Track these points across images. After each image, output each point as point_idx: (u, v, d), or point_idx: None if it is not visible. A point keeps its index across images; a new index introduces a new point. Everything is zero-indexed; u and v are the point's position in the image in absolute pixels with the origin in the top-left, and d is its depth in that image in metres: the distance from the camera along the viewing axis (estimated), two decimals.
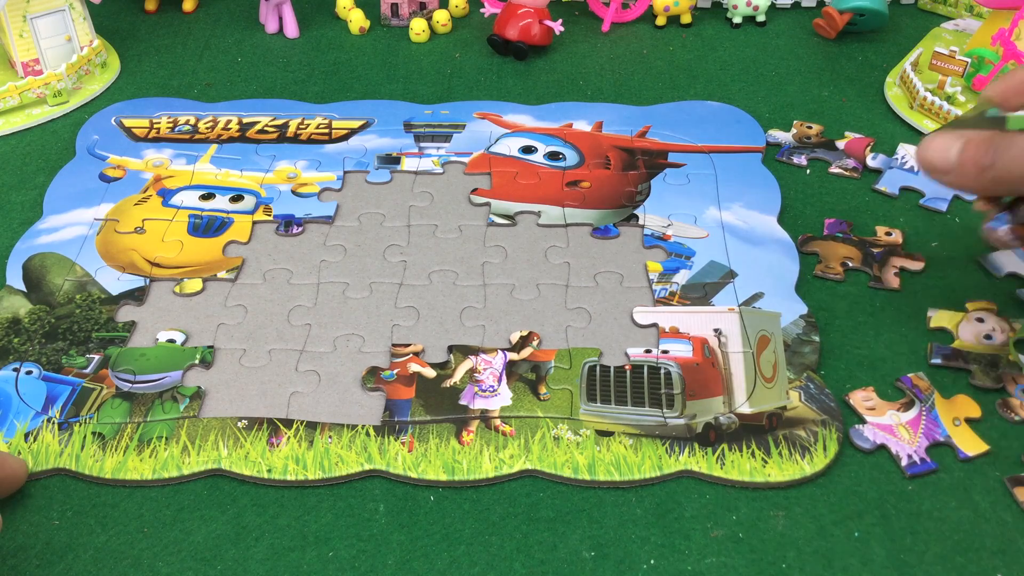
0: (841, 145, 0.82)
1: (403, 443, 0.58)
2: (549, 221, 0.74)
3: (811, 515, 0.54)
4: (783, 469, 0.55)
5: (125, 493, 0.56)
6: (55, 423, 0.59)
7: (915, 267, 0.69)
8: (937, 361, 0.62)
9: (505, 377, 0.62)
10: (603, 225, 0.74)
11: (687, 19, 1.00)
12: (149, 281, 0.70)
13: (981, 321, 0.64)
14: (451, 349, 0.64)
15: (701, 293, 0.67)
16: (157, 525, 0.54)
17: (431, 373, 0.62)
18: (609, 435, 0.58)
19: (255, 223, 0.75)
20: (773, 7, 1.02)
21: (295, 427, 0.59)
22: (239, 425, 0.59)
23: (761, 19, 1.00)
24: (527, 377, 0.62)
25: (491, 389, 0.61)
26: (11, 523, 0.54)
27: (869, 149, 0.80)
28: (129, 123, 0.86)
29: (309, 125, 0.85)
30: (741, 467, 0.56)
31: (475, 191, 0.77)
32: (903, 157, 0.79)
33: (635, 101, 0.88)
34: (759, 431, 0.58)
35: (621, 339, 0.64)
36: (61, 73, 0.88)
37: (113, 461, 0.57)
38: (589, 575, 0.51)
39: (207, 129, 0.85)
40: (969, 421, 0.58)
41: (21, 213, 0.77)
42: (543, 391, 0.61)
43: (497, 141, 0.83)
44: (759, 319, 0.65)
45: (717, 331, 0.64)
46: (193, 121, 0.86)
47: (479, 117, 0.86)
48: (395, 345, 0.64)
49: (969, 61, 0.83)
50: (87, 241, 0.73)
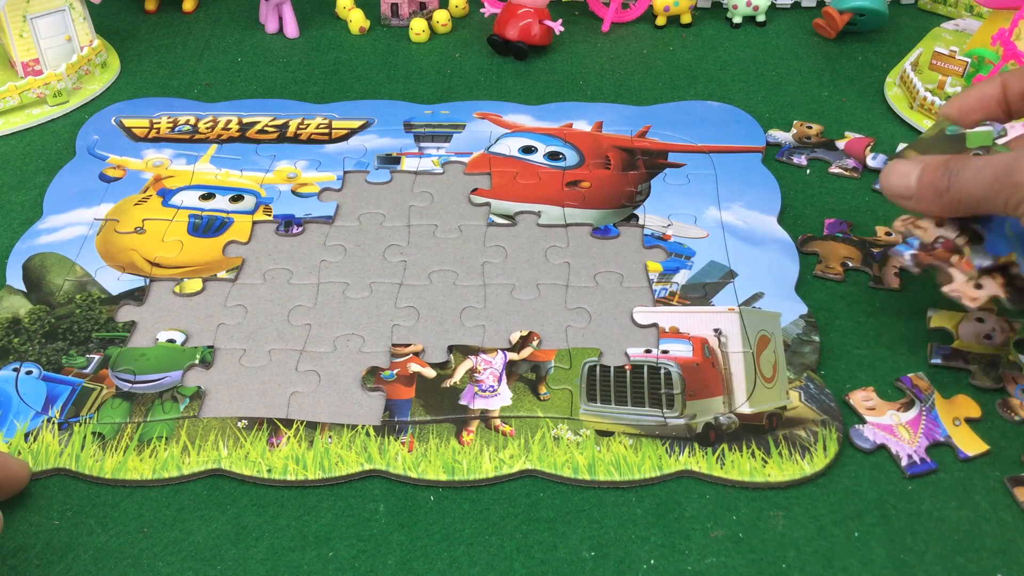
0: (841, 145, 0.82)
1: (403, 443, 0.58)
2: (549, 221, 0.74)
3: (811, 515, 0.54)
4: (783, 469, 0.55)
5: (125, 493, 0.56)
6: (55, 423, 0.59)
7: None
8: (937, 361, 0.62)
9: (505, 377, 0.62)
10: (603, 225, 0.74)
11: (687, 19, 1.00)
12: (149, 281, 0.70)
13: (981, 321, 0.64)
14: (451, 349, 0.64)
15: (701, 293, 0.67)
16: (157, 525, 0.54)
17: (431, 373, 0.62)
18: (609, 435, 0.58)
19: (255, 223, 0.75)
20: (773, 7, 1.02)
21: (295, 427, 0.59)
22: (239, 425, 0.59)
23: (761, 19, 1.00)
24: (527, 377, 0.62)
25: (491, 389, 0.61)
26: (11, 523, 0.54)
27: (869, 149, 0.80)
28: (129, 123, 0.86)
29: (309, 125, 0.85)
30: (741, 467, 0.56)
31: (475, 191, 0.77)
32: None
33: (635, 101, 0.88)
34: (759, 431, 0.58)
35: (621, 339, 0.64)
36: (61, 73, 0.88)
37: (113, 461, 0.57)
38: (589, 575, 0.51)
39: (207, 129, 0.85)
40: (969, 421, 0.58)
41: (21, 213, 0.77)
42: (543, 391, 0.61)
43: (497, 141, 0.83)
44: (759, 319, 0.65)
45: (717, 331, 0.64)
46: (193, 121, 0.86)
47: (479, 117, 0.86)
48: (395, 345, 0.64)
49: (969, 61, 0.83)
50: (87, 241, 0.73)
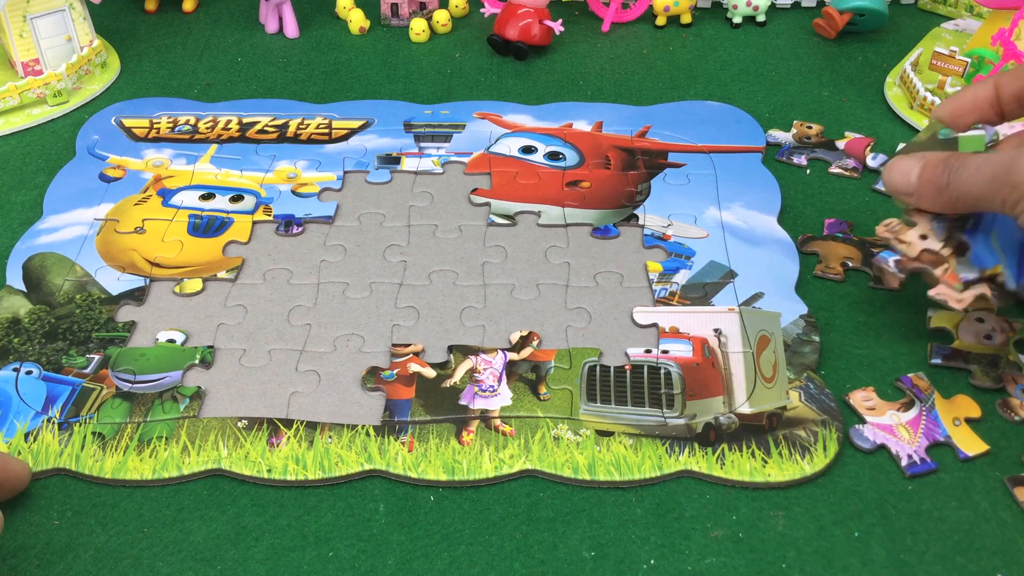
0: (841, 145, 0.82)
1: (403, 443, 0.58)
2: (549, 221, 0.74)
3: (811, 515, 0.54)
4: (783, 469, 0.55)
5: (125, 493, 0.56)
6: (55, 423, 0.59)
7: None
8: (937, 361, 0.62)
9: (505, 377, 0.62)
10: (603, 225, 0.74)
11: (687, 19, 1.00)
12: (149, 281, 0.70)
13: (981, 321, 0.64)
14: (451, 349, 0.64)
15: (701, 293, 0.67)
16: (157, 525, 0.54)
17: (431, 373, 0.62)
18: (609, 435, 0.58)
19: (255, 223, 0.75)
20: (773, 7, 1.02)
21: (295, 427, 0.59)
22: (239, 425, 0.59)
23: (761, 19, 1.00)
24: (527, 377, 0.62)
25: (491, 389, 0.61)
26: (11, 523, 0.54)
27: (869, 149, 0.80)
28: (129, 123, 0.86)
29: (309, 125, 0.85)
30: (741, 467, 0.56)
31: (475, 191, 0.77)
32: None
33: (635, 101, 0.88)
34: (759, 431, 0.58)
35: (621, 339, 0.64)
36: (61, 73, 0.88)
37: (113, 461, 0.57)
38: (589, 575, 0.51)
39: (207, 129, 0.85)
40: (969, 421, 0.58)
41: (21, 213, 0.77)
42: (543, 391, 0.61)
43: (497, 141, 0.83)
44: (759, 319, 0.65)
45: (717, 331, 0.64)
46: (193, 121, 0.86)
47: (479, 117, 0.86)
48: (395, 345, 0.64)
49: (969, 61, 0.83)
50: (87, 241, 0.73)
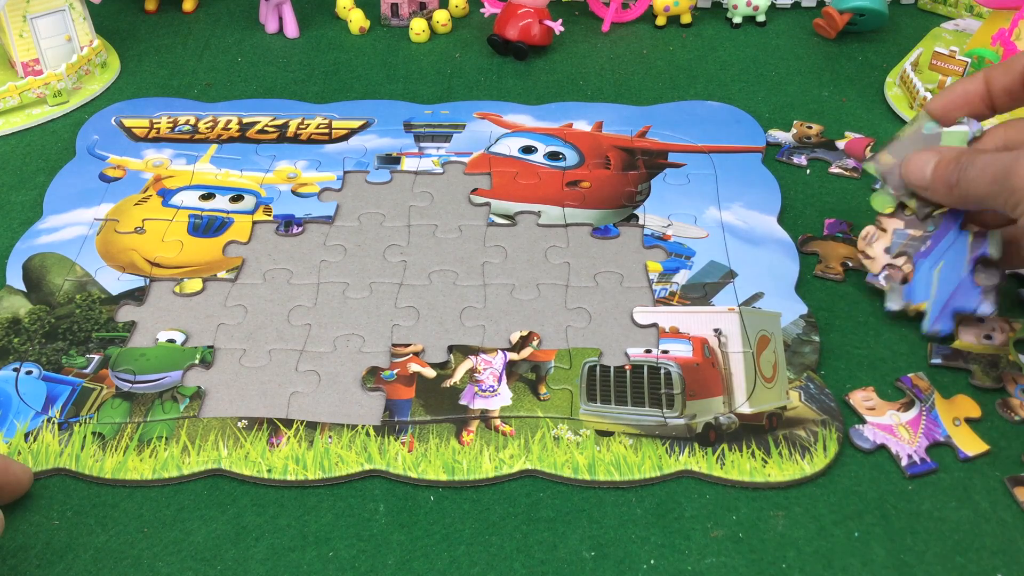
0: (841, 145, 0.82)
1: (403, 443, 0.58)
2: (549, 221, 0.74)
3: (811, 515, 0.54)
4: (783, 469, 0.55)
5: (125, 493, 0.56)
6: (55, 423, 0.59)
7: None
8: (937, 361, 0.62)
9: (505, 377, 0.62)
10: (603, 225, 0.74)
11: (687, 19, 1.00)
12: (149, 281, 0.70)
13: (981, 321, 0.64)
14: (451, 349, 0.64)
15: (701, 293, 0.67)
16: (157, 525, 0.54)
17: (431, 373, 0.62)
18: (609, 435, 0.58)
19: (255, 223, 0.75)
20: (773, 7, 1.02)
21: (295, 427, 0.59)
22: (239, 425, 0.59)
23: (761, 19, 1.00)
24: (527, 377, 0.62)
25: (491, 389, 0.61)
26: (11, 523, 0.54)
27: (869, 149, 0.80)
28: (129, 123, 0.86)
29: (309, 125, 0.85)
30: (741, 467, 0.56)
31: (475, 191, 0.77)
32: None
33: (635, 101, 0.88)
34: (759, 431, 0.58)
35: (621, 339, 0.64)
36: (61, 73, 0.88)
37: (113, 461, 0.57)
38: (589, 575, 0.51)
39: (207, 129, 0.85)
40: (969, 421, 0.58)
41: (21, 213, 0.77)
42: (543, 391, 0.61)
43: (497, 141, 0.83)
44: (759, 319, 0.65)
45: (717, 331, 0.64)
46: (193, 121, 0.86)
47: (479, 117, 0.86)
48: (395, 345, 0.64)
49: (969, 61, 0.83)
50: (87, 241, 0.73)
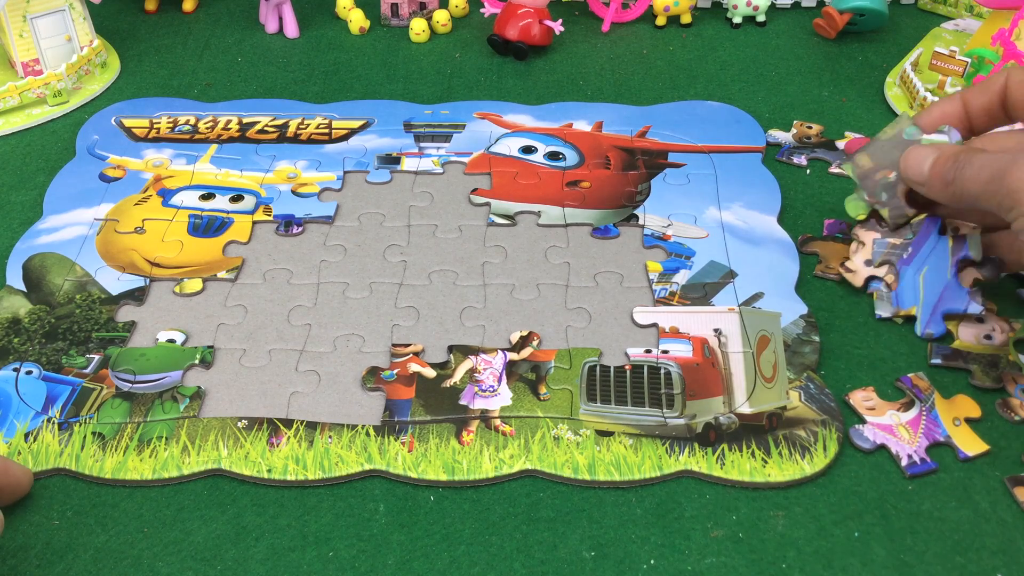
0: (841, 145, 0.82)
1: (403, 443, 0.58)
2: (549, 221, 0.74)
3: (811, 515, 0.54)
4: (783, 469, 0.55)
5: (125, 493, 0.56)
6: (55, 423, 0.59)
7: None
8: (937, 361, 0.62)
9: (505, 377, 0.62)
10: (603, 225, 0.74)
11: (687, 19, 1.00)
12: (149, 281, 0.70)
13: (981, 321, 0.64)
14: (451, 349, 0.64)
15: (701, 293, 0.67)
16: (157, 525, 0.54)
17: (431, 373, 0.62)
18: (609, 435, 0.58)
19: (255, 223, 0.75)
20: (773, 7, 1.02)
21: (295, 427, 0.59)
22: (239, 425, 0.59)
23: (761, 19, 1.00)
24: (527, 377, 0.62)
25: (491, 389, 0.61)
26: (11, 523, 0.54)
27: None
28: (129, 123, 0.86)
29: (309, 125, 0.85)
30: (741, 467, 0.56)
31: (475, 191, 0.77)
32: None
33: (635, 101, 0.88)
34: (759, 431, 0.58)
35: (621, 339, 0.64)
36: (61, 73, 0.88)
37: (113, 461, 0.57)
38: (589, 575, 0.51)
39: (207, 129, 0.85)
40: (969, 421, 0.58)
41: (21, 213, 0.77)
42: (543, 391, 0.61)
43: (497, 141, 0.83)
44: (759, 319, 0.65)
45: (717, 331, 0.64)
46: (193, 121, 0.86)
47: (479, 117, 0.86)
48: (395, 345, 0.64)
49: (969, 61, 0.83)
50: (87, 241, 0.73)
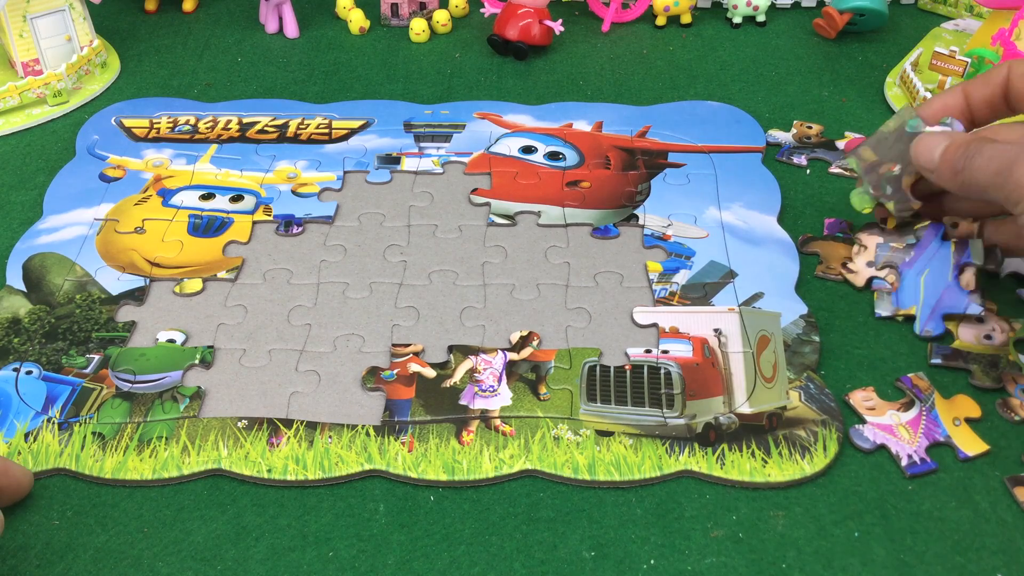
0: (841, 145, 0.82)
1: (403, 443, 0.58)
2: (549, 221, 0.74)
3: (811, 515, 0.54)
4: (783, 469, 0.55)
5: (125, 493, 0.56)
6: (55, 423, 0.59)
7: None
8: (937, 361, 0.62)
9: (505, 377, 0.62)
10: (603, 225, 0.74)
11: (687, 19, 1.00)
12: (149, 281, 0.70)
13: (981, 321, 0.64)
14: (451, 349, 0.64)
15: (701, 293, 0.67)
16: (157, 525, 0.54)
17: (431, 373, 0.62)
18: (609, 435, 0.58)
19: (255, 223, 0.75)
20: (773, 7, 1.02)
21: (295, 427, 0.59)
22: (239, 425, 0.59)
23: (761, 19, 1.00)
24: (527, 377, 0.62)
25: (491, 389, 0.61)
26: (11, 523, 0.54)
27: None
28: (129, 123, 0.86)
29: (309, 125, 0.85)
30: (741, 467, 0.56)
31: (475, 191, 0.77)
32: None
33: (635, 101, 0.88)
34: (759, 431, 0.58)
35: (621, 339, 0.64)
36: (61, 73, 0.88)
37: (113, 461, 0.57)
38: (589, 575, 0.51)
39: (207, 129, 0.85)
40: (969, 421, 0.58)
41: (21, 213, 0.77)
42: (543, 391, 0.61)
43: (497, 141, 0.83)
44: (759, 319, 0.65)
45: (717, 331, 0.64)
46: (193, 121, 0.86)
47: (479, 117, 0.86)
48: (395, 345, 0.64)
49: (969, 61, 0.83)
50: (87, 241, 0.73)
